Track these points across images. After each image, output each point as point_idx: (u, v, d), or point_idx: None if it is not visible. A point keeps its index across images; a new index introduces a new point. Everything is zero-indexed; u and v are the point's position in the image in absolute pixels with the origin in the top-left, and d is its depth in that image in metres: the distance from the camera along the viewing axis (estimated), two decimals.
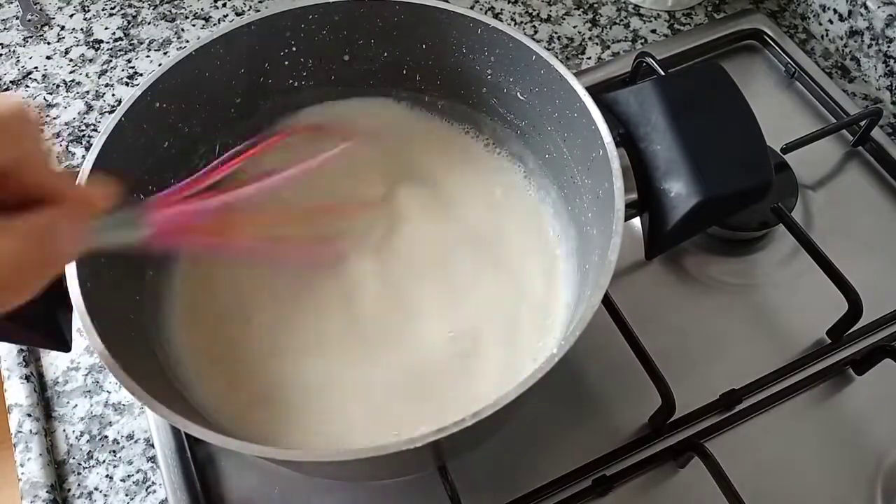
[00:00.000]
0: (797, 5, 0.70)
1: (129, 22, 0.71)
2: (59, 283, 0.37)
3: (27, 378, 0.51)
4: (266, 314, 0.46)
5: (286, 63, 0.49)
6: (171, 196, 0.34)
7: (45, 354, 0.53)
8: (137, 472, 0.49)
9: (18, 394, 0.50)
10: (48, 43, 0.69)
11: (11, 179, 0.26)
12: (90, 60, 0.68)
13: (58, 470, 0.49)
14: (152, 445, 0.49)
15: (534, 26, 0.70)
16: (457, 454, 0.46)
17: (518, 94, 0.48)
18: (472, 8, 0.62)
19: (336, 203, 0.49)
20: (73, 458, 0.49)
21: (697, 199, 0.41)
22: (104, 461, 0.49)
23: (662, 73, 0.58)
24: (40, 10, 0.72)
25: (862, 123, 0.59)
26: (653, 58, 0.60)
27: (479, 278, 0.48)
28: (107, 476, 0.49)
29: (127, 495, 0.48)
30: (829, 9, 0.66)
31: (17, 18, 0.71)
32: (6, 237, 0.25)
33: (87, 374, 0.52)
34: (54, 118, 0.64)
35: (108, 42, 0.69)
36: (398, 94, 0.53)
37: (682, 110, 0.43)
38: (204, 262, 0.48)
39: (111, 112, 0.65)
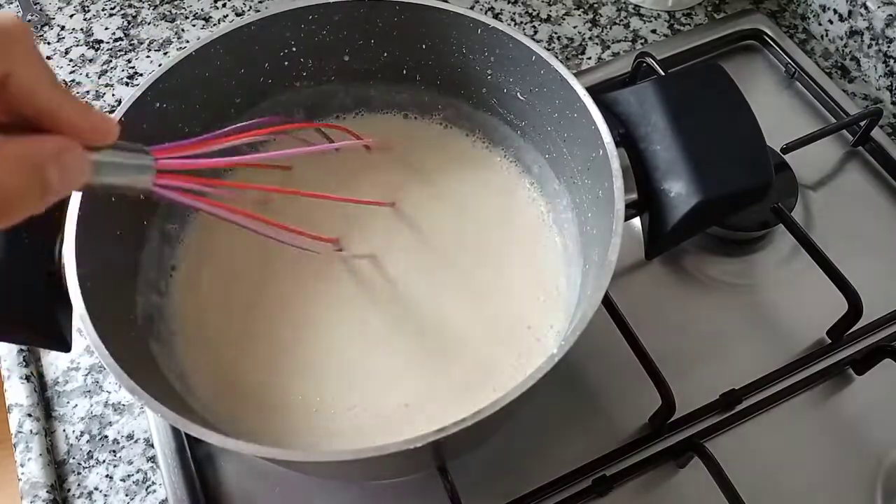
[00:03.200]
0: (797, 5, 0.70)
1: (129, 22, 0.71)
2: (60, 283, 0.37)
3: (27, 378, 0.51)
4: (269, 316, 0.47)
5: (286, 63, 0.49)
6: (176, 148, 0.33)
7: (45, 354, 0.53)
8: (137, 472, 0.49)
9: (18, 394, 0.50)
10: (48, 43, 0.69)
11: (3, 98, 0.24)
12: (90, 60, 0.68)
13: (58, 470, 0.49)
14: (152, 445, 0.49)
15: (534, 26, 0.70)
16: (457, 454, 0.46)
17: (518, 94, 0.48)
18: (472, 8, 0.62)
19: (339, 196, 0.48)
20: (73, 458, 0.49)
21: (697, 199, 0.41)
22: (104, 461, 0.49)
23: (662, 74, 0.58)
24: (40, 10, 0.72)
25: (862, 123, 0.59)
26: (653, 58, 0.60)
27: (478, 279, 0.48)
28: (107, 476, 0.49)
29: (127, 495, 0.48)
30: (829, 9, 0.66)
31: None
32: None
33: (87, 374, 0.52)
34: None
35: (108, 42, 0.69)
36: (401, 104, 0.53)
37: (682, 110, 0.43)
38: (204, 264, 0.48)
39: (111, 112, 0.65)
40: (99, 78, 0.67)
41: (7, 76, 0.23)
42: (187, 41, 0.69)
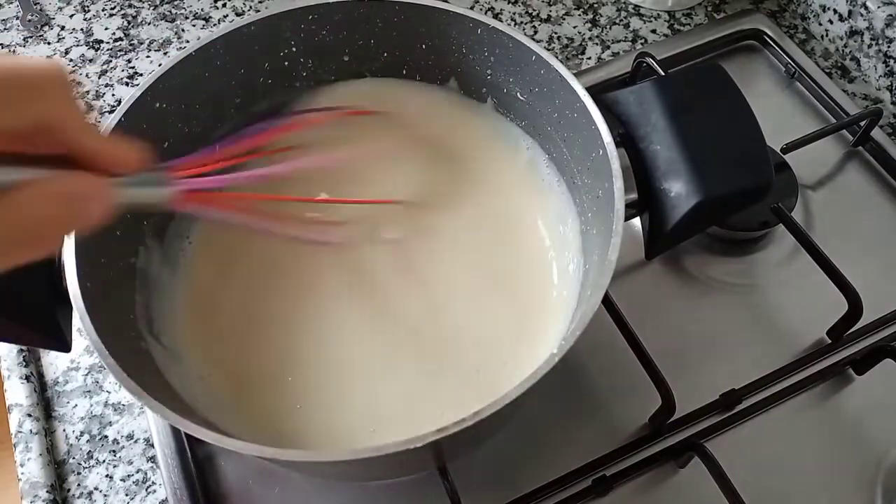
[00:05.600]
0: (797, 5, 0.70)
1: (129, 22, 0.71)
2: (60, 283, 0.37)
3: (27, 378, 0.51)
4: (272, 315, 0.47)
5: (286, 63, 0.49)
6: (194, 161, 0.35)
7: (45, 354, 0.53)
8: (137, 472, 0.49)
9: (18, 394, 0.50)
10: (48, 43, 0.69)
11: (43, 137, 0.26)
12: (90, 60, 0.68)
13: (58, 470, 0.49)
14: (152, 445, 0.49)
15: (534, 26, 0.70)
16: (457, 454, 0.46)
17: (518, 94, 0.48)
18: (472, 8, 0.62)
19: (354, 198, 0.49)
20: (73, 458, 0.49)
21: (697, 199, 0.41)
22: (104, 461, 0.49)
23: (662, 74, 0.58)
24: (40, 10, 0.72)
25: (862, 123, 0.59)
26: (653, 58, 0.60)
27: (477, 281, 0.48)
28: (107, 476, 0.49)
29: (127, 495, 0.48)
30: (829, 9, 0.66)
31: (17, 18, 0.71)
32: (35, 197, 0.25)
33: (87, 374, 0.52)
34: None
35: (108, 42, 0.69)
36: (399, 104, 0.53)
37: (682, 110, 0.43)
38: (205, 265, 0.48)
39: (111, 112, 0.65)
40: (99, 78, 0.67)
41: (49, 118, 0.26)
42: (187, 41, 0.69)
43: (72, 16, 0.71)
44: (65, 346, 0.40)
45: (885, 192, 0.59)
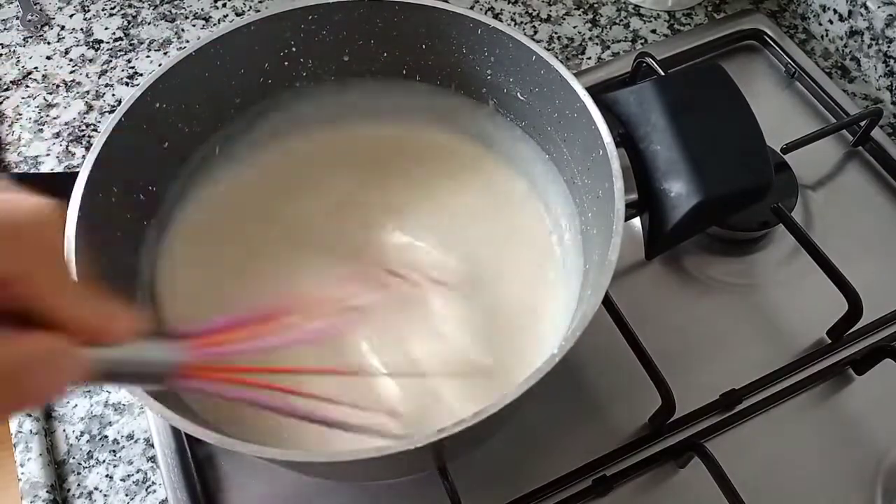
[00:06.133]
0: (797, 5, 0.70)
1: (129, 22, 0.71)
2: None
3: None
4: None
5: (286, 63, 0.49)
6: (202, 338, 0.31)
7: None
8: (137, 472, 0.49)
9: None
10: (48, 43, 0.69)
11: (10, 289, 0.21)
12: (90, 60, 0.68)
13: (58, 470, 0.49)
14: (152, 445, 0.49)
15: (534, 26, 0.70)
16: (457, 454, 0.46)
17: (518, 94, 0.48)
18: (472, 8, 0.62)
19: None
20: (73, 458, 0.49)
21: (697, 199, 0.41)
22: (104, 461, 0.49)
23: (662, 74, 0.58)
24: (40, 10, 0.72)
25: (862, 123, 0.59)
26: (653, 58, 0.60)
27: (477, 281, 0.48)
28: (107, 476, 0.49)
29: (127, 495, 0.48)
30: (829, 9, 0.66)
31: (17, 18, 0.71)
32: None
33: None
34: (54, 118, 0.64)
35: (108, 42, 0.69)
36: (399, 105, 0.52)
37: (682, 110, 0.43)
38: (202, 262, 0.48)
39: (111, 112, 0.65)
40: (99, 78, 0.67)
41: (24, 277, 0.21)
42: (187, 41, 0.69)
43: (72, 16, 0.71)
44: None
45: (885, 192, 0.59)
